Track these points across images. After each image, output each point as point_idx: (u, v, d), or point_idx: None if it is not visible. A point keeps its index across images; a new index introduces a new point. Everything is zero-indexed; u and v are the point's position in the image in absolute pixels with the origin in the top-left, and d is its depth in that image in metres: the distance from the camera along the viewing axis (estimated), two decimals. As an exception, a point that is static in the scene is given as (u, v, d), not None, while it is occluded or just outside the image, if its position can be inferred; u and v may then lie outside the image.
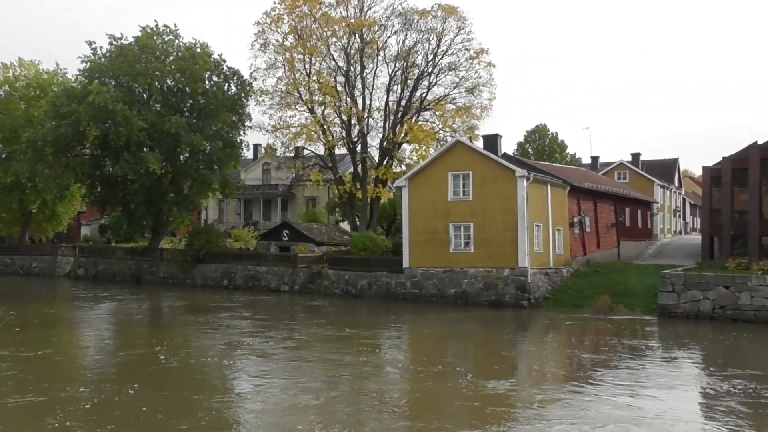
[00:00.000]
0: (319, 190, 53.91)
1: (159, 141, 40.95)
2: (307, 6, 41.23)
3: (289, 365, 17.82)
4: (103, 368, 17.87)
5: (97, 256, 47.02)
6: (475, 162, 31.76)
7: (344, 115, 41.53)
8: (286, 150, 43.68)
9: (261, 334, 23.09)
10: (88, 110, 39.10)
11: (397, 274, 33.26)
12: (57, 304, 33.24)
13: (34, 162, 41.38)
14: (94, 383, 15.64)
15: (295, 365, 17.74)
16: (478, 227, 31.43)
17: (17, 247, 52.05)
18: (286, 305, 32.37)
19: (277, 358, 18.72)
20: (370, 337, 23.06)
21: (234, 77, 44.22)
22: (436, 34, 40.75)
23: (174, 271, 41.98)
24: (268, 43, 42.35)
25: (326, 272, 35.97)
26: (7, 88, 50.36)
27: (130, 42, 42.49)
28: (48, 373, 16.66)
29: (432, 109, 41.72)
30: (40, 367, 17.41)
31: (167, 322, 28.66)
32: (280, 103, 42.36)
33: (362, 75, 41.88)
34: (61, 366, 18.07)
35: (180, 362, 18.23)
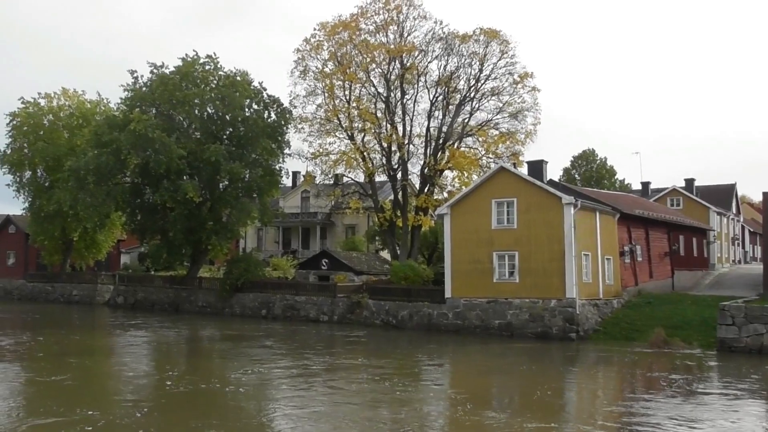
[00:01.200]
0: (359, 218, 54.30)
1: (198, 169, 42.03)
2: (346, 33, 42.08)
3: (325, 397, 17.91)
4: (127, 394, 18.45)
5: (137, 285, 48.20)
6: (519, 189, 31.67)
7: (384, 141, 41.95)
8: (325, 177, 44.27)
9: (298, 365, 23.28)
10: (128, 139, 40.45)
11: (439, 304, 33.16)
12: (93, 333, 34.34)
13: (76, 190, 42.79)
14: (109, 406, 16.29)
15: (331, 397, 17.82)
16: (523, 256, 31.20)
17: (58, 275, 53.69)
18: (324, 336, 32.54)
19: (314, 390, 18.83)
20: (410, 369, 22.97)
21: (274, 105, 45.27)
22: (478, 59, 41.04)
23: (212, 300, 42.68)
24: (308, 70, 43.31)
25: (366, 302, 36.10)
26: (51, 118, 52.32)
27: (171, 71, 43.98)
28: (69, 397, 17.48)
29: (475, 135, 41.81)
30: (62, 392, 18.19)
31: (202, 351, 29.18)
32: (319, 130, 43.08)
33: (403, 101, 42.37)
34: (82, 391, 18.76)
35: (210, 390, 18.56)
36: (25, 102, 52.13)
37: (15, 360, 24.73)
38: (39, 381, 20.17)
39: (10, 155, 51.65)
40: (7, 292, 55.97)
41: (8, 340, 30.34)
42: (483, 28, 40.91)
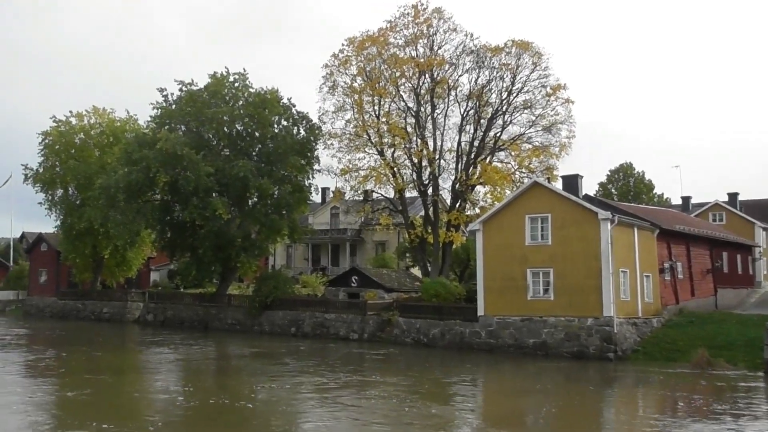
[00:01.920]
0: (389, 235, 54.47)
1: (227, 186, 42.72)
2: (375, 47, 42.50)
3: (354, 416, 18.00)
4: (145, 409, 19.07)
5: (166, 302, 48.99)
6: (554, 204, 31.52)
7: (415, 157, 42.13)
8: (355, 193, 44.57)
9: (326, 384, 23.45)
10: (158, 156, 41.33)
11: (472, 322, 33.05)
12: (122, 350, 35.12)
13: (107, 208, 43.80)
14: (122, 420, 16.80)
15: (360, 417, 17.89)
16: (558, 273, 30.98)
17: (89, 293, 54.84)
18: (354, 354, 32.67)
19: (343, 409, 18.93)
20: (442, 389, 22.92)
21: (303, 121, 45.90)
22: (510, 71, 41.08)
23: (241, 317, 43.14)
24: (337, 86, 43.80)
25: (396, 320, 36.14)
26: (82, 136, 53.73)
27: (200, 88, 44.92)
28: (87, 411, 18.39)
29: (507, 149, 41.75)
30: (81, 407, 19.04)
31: (228, 368, 29.60)
32: (348, 146, 43.45)
33: (433, 115, 42.55)
34: (101, 406, 19.48)
35: (229, 407, 18.78)
36: (57, 121, 53.57)
37: (41, 376, 25.71)
38: (62, 396, 20.98)
39: (42, 174, 53.08)
40: (40, 310, 57.33)
41: (37, 357, 31.48)
42: (515, 40, 40.98)
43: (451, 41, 42.24)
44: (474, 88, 41.69)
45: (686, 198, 61.19)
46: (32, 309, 58.27)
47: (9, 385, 22.46)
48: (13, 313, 59.18)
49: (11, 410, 18.09)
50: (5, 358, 29.82)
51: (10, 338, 39.20)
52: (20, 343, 37.04)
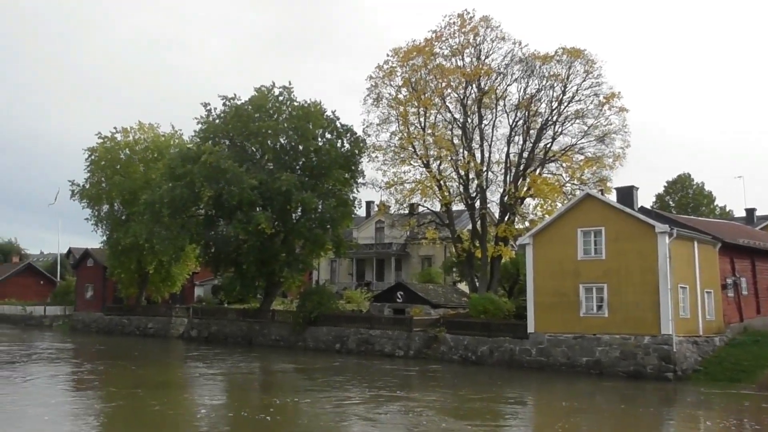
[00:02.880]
0: (435, 249, 54.57)
1: (271, 200, 43.52)
2: (420, 58, 42.89)
3: (361, 428, 18.13)
4: (183, 423, 19.85)
5: (210, 318, 50.04)
6: (607, 217, 31.26)
7: (462, 169, 42.25)
8: (400, 207, 44.89)
9: (373, 402, 23.71)
10: (202, 171, 42.45)
11: (522, 339, 32.94)
12: (166, 366, 36.19)
13: (152, 223, 45.16)
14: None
15: (367, 429, 18.01)
16: (613, 289, 30.64)
17: (134, 308, 56.42)
18: (400, 371, 32.86)
19: (392, 427, 19.04)
20: (491, 408, 22.88)
21: (347, 134, 46.54)
22: (560, 80, 40.92)
23: (285, 333, 43.78)
24: (381, 98, 44.31)
25: (443, 336, 36.20)
26: (127, 152, 55.43)
27: (244, 102, 46.02)
28: (130, 424, 19.38)
29: (558, 161, 41.51)
30: (124, 420, 20.08)
31: (272, 385, 30.23)
32: (393, 159, 43.80)
33: (480, 126, 42.63)
34: (144, 419, 20.32)
35: (280, 425, 19.07)
36: (103, 137, 55.37)
37: (85, 389, 27.13)
38: (105, 408, 22.21)
39: (88, 189, 54.95)
40: (86, 325, 59.21)
41: (81, 371, 33.14)
42: (565, 48, 40.83)
43: (499, 50, 42.39)
44: (523, 98, 41.65)
45: (750, 210, 59.45)
46: (79, 324, 60.19)
47: (54, 397, 23.92)
48: (60, 328, 61.23)
49: (55, 422, 19.19)
50: (51, 372, 31.47)
51: (53, 352, 40.98)
52: (65, 357, 38.68)
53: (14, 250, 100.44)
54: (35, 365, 34.27)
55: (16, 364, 34.60)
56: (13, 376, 30.03)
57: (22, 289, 74.54)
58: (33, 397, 24.27)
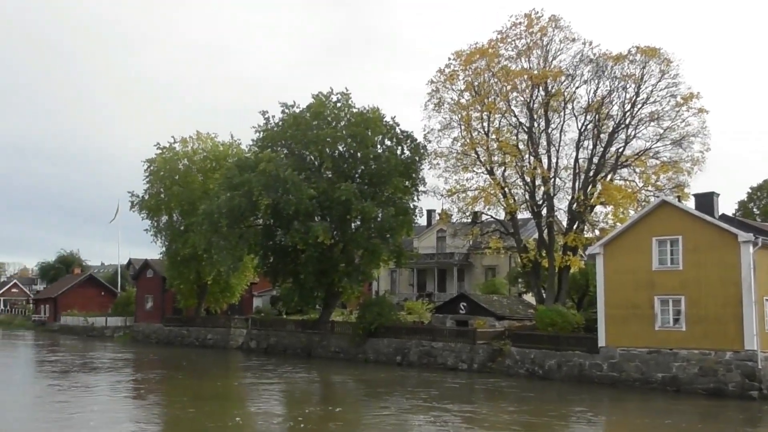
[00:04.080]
0: (500, 259, 54.37)
1: (330, 209, 44.26)
2: (484, 60, 42.94)
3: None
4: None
5: (269, 329, 51.21)
6: (685, 225, 30.69)
7: (527, 175, 42.07)
8: (462, 215, 44.91)
9: (436, 417, 23.96)
10: (260, 180, 43.48)
11: (592, 353, 32.59)
12: (225, 377, 37.41)
13: (210, 233, 46.37)
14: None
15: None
16: (691, 301, 30.02)
17: (193, 319, 58.13)
18: (464, 385, 32.98)
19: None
20: (560, 426, 22.73)
21: (407, 140, 46.92)
22: (634, 81, 40.28)
23: (345, 345, 44.42)
24: (443, 102, 44.49)
25: (509, 350, 36.13)
26: (185, 162, 57.16)
27: (302, 110, 46.96)
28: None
29: (631, 166, 40.86)
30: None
31: (333, 397, 30.93)
32: (456, 166, 43.90)
33: (547, 131, 42.36)
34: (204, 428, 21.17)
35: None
36: (161, 147, 57.31)
37: (137, 399, 28.82)
38: (165, 418, 23.49)
39: (147, 200, 56.95)
40: (146, 336, 61.36)
41: (139, 382, 34.88)
42: (639, 47, 40.13)
43: (568, 51, 42.00)
44: (593, 100, 41.19)
45: None
46: (139, 335, 62.42)
47: (103, 404, 25.98)
48: (121, 339, 63.61)
49: (97, 427, 20.90)
50: (106, 381, 33.62)
51: (111, 362, 43.02)
52: (122, 368, 40.57)
53: (76, 261, 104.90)
54: (92, 375, 36.31)
55: (73, 373, 36.87)
56: (70, 384, 32.28)
57: (84, 300, 77.76)
58: (82, 404, 26.22)
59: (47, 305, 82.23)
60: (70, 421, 23.06)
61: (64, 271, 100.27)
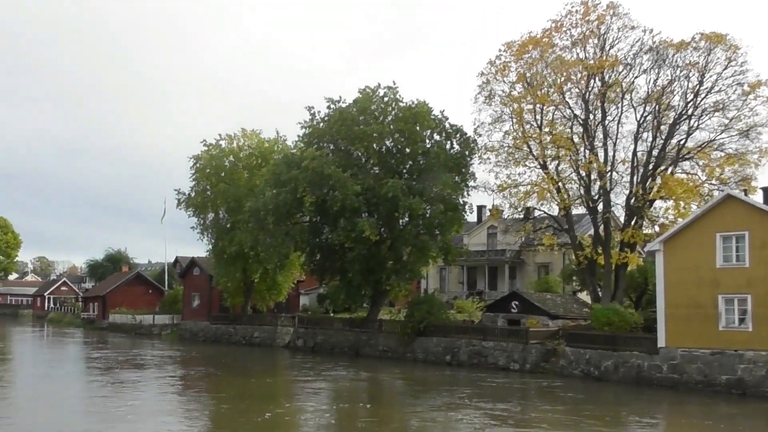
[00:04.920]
0: (553, 256, 53.94)
1: (377, 206, 44.46)
2: (537, 50, 42.53)
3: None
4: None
5: (316, 327, 51.80)
6: (752, 220, 30.06)
7: (582, 169, 41.53)
8: (514, 211, 44.61)
9: (487, 419, 23.99)
10: (305, 176, 43.93)
11: (651, 354, 32.10)
12: (271, 375, 38.31)
13: (257, 231, 47.06)
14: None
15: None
16: (759, 300, 29.37)
17: (240, 317, 59.12)
18: (516, 386, 32.88)
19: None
20: (617, 428, 22.44)
21: (456, 134, 46.82)
22: (697, 69, 39.36)
23: (393, 344, 44.65)
24: (494, 95, 44.19)
25: (563, 350, 35.86)
26: (231, 159, 57.95)
27: (348, 104, 47.24)
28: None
29: (693, 158, 39.96)
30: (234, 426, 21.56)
31: (380, 396, 31.30)
32: (507, 160, 43.61)
33: (603, 123, 41.75)
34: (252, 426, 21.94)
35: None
36: (207, 144, 58.35)
37: (191, 396, 29.63)
38: (213, 415, 24.08)
39: (194, 198, 58.02)
40: (193, 334, 62.66)
41: (187, 379, 35.85)
42: (704, 33, 39.17)
43: (626, 39, 41.18)
44: (653, 91, 40.39)
45: None
46: (186, 333, 63.77)
47: (145, 400, 27.22)
48: (169, 337, 65.08)
49: (135, 420, 21.88)
50: (150, 377, 34.91)
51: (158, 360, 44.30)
52: (168, 365, 41.63)
53: (123, 259, 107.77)
54: (135, 371, 37.79)
55: (117, 370, 38.31)
56: (113, 380, 33.78)
57: (132, 298, 79.75)
58: (122, 399, 27.52)
59: (96, 303, 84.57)
60: (107, 414, 24.15)
61: (112, 269, 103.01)
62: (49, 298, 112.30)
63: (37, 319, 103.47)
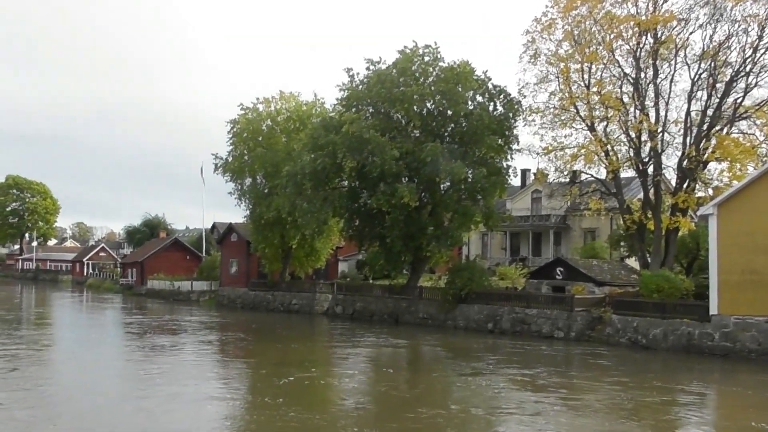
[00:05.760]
0: (600, 221, 53.52)
1: (417, 170, 44.43)
2: (585, 7, 41.69)
3: (567, 428, 18.31)
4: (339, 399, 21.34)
5: (355, 294, 52.39)
6: (813, 182, 29.32)
7: (632, 131, 40.93)
8: (560, 175, 44.30)
9: (530, 388, 24.13)
10: (344, 141, 44.05)
11: (702, 322, 31.85)
12: (310, 342, 39.19)
13: (294, 196, 47.51)
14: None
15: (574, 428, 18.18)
16: (818, 266, 28.73)
17: (278, 284, 60.01)
18: (560, 355, 33.01)
19: (552, 420, 19.35)
20: (666, 401, 22.36)
21: (500, 95, 46.33)
22: (757, 23, 38.24)
23: (433, 311, 44.96)
24: (539, 54, 43.62)
25: (609, 317, 35.74)
26: (269, 123, 58.31)
27: (388, 66, 46.99)
28: (279, 396, 22.05)
29: (751, 117, 39.03)
30: (275, 392, 22.71)
31: (421, 364, 31.86)
32: (553, 122, 43.20)
33: (655, 81, 40.98)
34: (299, 394, 22.66)
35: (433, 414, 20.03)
36: (244, 108, 58.73)
37: (229, 364, 30.54)
38: (254, 381, 25.10)
39: (231, 163, 58.58)
40: (231, 301, 63.87)
41: (222, 345, 36.90)
42: (768, -17, 38.00)
43: (681, -8, 40.22)
44: (709, 47, 39.37)
45: None
46: (224, 300, 65.01)
47: (179, 365, 28.15)
48: (207, 303, 66.46)
49: (167, 383, 22.59)
50: (188, 342, 36.09)
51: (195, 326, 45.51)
52: (205, 331, 42.62)
53: (161, 225, 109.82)
54: (170, 337, 39.02)
55: (152, 335, 39.50)
56: (145, 345, 35.10)
57: (170, 264, 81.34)
58: (154, 363, 28.59)
59: (134, 269, 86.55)
60: (138, 377, 25.24)
61: (150, 234, 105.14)
62: (87, 263, 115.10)
63: (76, 284, 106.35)
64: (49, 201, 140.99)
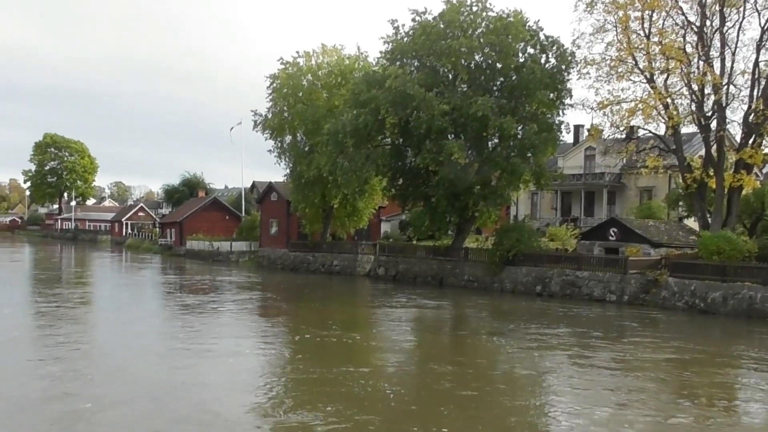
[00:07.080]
0: (658, 180, 52.85)
1: (464, 126, 44.20)
2: (648, -52, 40.60)
3: (617, 397, 18.29)
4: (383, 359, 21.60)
5: (398, 255, 52.82)
6: None
7: (695, 83, 40.01)
8: (615, 131, 43.57)
9: (581, 355, 24.10)
10: (387, 96, 43.91)
11: (765, 286, 31.48)
12: (352, 304, 39.74)
13: (335, 154, 47.60)
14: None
15: (625, 400, 18.15)
16: None
17: (319, 245, 60.68)
18: (613, 319, 32.94)
19: (604, 388, 19.37)
20: (723, 370, 22.20)
21: (553, 47, 45.58)
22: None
23: (480, 273, 45.15)
24: (596, 2, 42.60)
25: (665, 280, 35.48)
26: (310, 78, 58.07)
27: (434, 17, 46.49)
28: (320, 356, 22.70)
29: (825, 69, 37.87)
30: (316, 352, 23.54)
31: (466, 327, 32.11)
32: (609, 74, 42.26)
33: (722, 30, 39.86)
34: (334, 352, 23.60)
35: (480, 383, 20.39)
36: (285, 62, 58.50)
37: (271, 324, 31.14)
38: (292, 342, 25.98)
39: (270, 120, 58.78)
40: (271, 261, 64.88)
41: (270, 308, 37.69)
42: None
43: (756, -70, 38.85)
44: (782, -9, 38.18)
45: None
46: (264, 261, 66.06)
47: (212, 324, 29.24)
48: (246, 264, 67.65)
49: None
50: (224, 301, 37.28)
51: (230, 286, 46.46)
52: (244, 292, 43.48)
53: (200, 184, 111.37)
54: (211, 296, 40.07)
55: (184, 294, 40.94)
56: (175, 304, 36.43)
57: (209, 224, 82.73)
58: (193, 323, 29.52)
59: (173, 229, 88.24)
60: (173, 336, 26.12)
61: (188, 194, 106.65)
62: (126, 223, 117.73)
63: (115, 245, 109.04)
64: (87, 160, 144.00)
